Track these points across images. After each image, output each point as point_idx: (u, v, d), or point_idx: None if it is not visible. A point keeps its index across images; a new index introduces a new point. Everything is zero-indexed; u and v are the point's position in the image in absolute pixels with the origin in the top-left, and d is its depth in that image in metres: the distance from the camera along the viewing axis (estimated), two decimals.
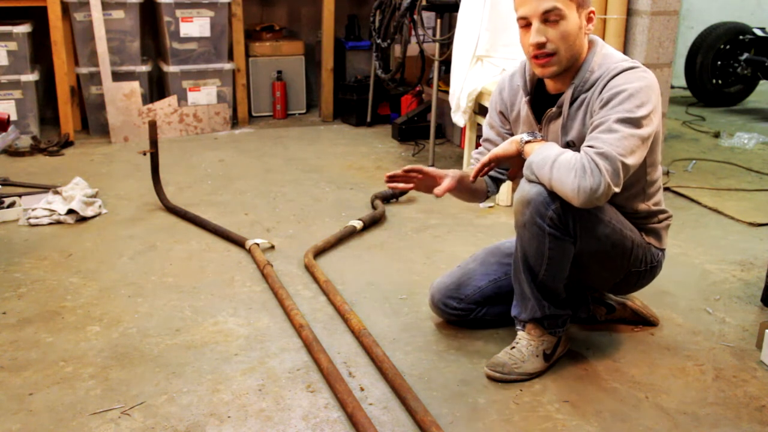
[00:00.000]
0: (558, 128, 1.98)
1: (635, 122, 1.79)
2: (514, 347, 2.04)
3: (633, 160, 1.79)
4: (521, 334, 2.06)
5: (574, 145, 1.94)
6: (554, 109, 1.98)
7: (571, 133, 1.95)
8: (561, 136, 1.98)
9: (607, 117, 1.81)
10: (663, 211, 2.11)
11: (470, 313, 2.23)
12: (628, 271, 2.07)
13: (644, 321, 2.30)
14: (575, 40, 1.88)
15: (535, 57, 1.89)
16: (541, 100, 2.03)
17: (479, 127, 3.76)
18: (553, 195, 1.86)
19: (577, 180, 1.75)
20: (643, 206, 2.05)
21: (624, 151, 1.77)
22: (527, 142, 1.91)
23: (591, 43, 1.95)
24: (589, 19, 1.91)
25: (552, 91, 2.01)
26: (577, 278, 2.07)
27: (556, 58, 1.88)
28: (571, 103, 1.94)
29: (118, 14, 4.52)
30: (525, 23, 1.89)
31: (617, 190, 1.77)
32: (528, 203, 1.89)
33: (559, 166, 1.78)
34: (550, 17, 1.84)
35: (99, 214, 3.26)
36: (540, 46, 1.86)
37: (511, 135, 2.13)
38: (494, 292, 2.23)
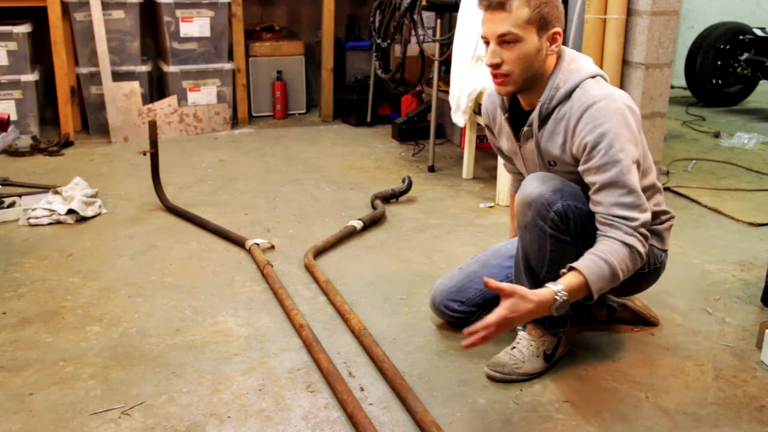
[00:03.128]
0: (533, 146, 2.00)
1: (627, 168, 1.81)
2: (514, 347, 2.04)
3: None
4: (522, 334, 2.06)
5: (555, 165, 1.96)
6: (526, 128, 1.99)
7: (551, 154, 1.96)
8: (537, 155, 2.00)
9: (605, 178, 1.82)
10: (664, 212, 2.11)
11: (471, 315, 2.22)
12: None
13: (644, 321, 2.30)
14: (533, 62, 1.89)
15: (494, 75, 1.92)
16: (520, 116, 2.04)
17: (479, 127, 3.76)
18: (554, 196, 1.86)
19: (634, 259, 1.81)
20: None
21: (643, 197, 1.83)
22: (563, 293, 1.75)
23: (558, 57, 1.94)
24: (553, 40, 1.89)
25: (526, 108, 2.02)
26: None
27: (511, 78, 1.90)
28: (544, 121, 1.95)
29: (118, 14, 4.53)
30: (486, 41, 1.91)
31: (650, 216, 1.85)
32: (529, 205, 1.89)
33: (619, 269, 1.79)
34: (506, 39, 1.86)
35: (99, 214, 3.26)
36: (495, 66, 1.90)
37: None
38: (496, 295, 2.22)
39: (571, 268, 1.78)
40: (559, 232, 1.89)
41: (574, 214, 1.87)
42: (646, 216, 1.82)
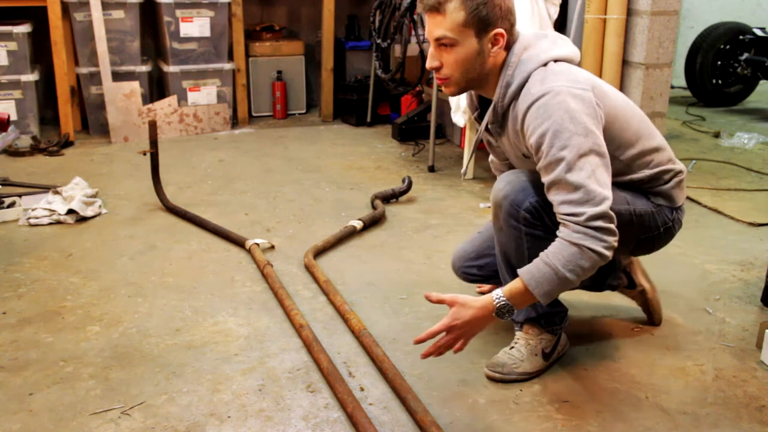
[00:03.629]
0: (505, 141, 1.98)
1: (571, 164, 1.72)
2: (513, 347, 2.04)
3: (602, 179, 1.74)
4: (519, 333, 2.06)
5: (528, 157, 1.91)
6: (490, 126, 1.97)
7: (520, 149, 1.93)
8: (510, 148, 1.98)
9: (550, 178, 1.75)
10: (668, 171, 2.00)
11: (491, 279, 2.20)
12: (638, 239, 2.02)
13: (649, 316, 2.29)
14: (473, 65, 1.84)
15: (437, 78, 1.90)
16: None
17: None
18: (521, 195, 1.85)
19: (589, 257, 1.71)
20: (639, 175, 1.97)
21: (596, 190, 1.72)
22: (501, 298, 1.76)
23: (508, 51, 1.87)
24: (495, 41, 1.83)
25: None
26: None
27: (452, 81, 1.87)
28: (503, 118, 1.91)
29: (118, 14, 4.53)
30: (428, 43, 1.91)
31: (606, 206, 1.72)
32: (499, 206, 1.89)
33: (565, 271, 1.72)
34: (443, 43, 1.83)
35: (99, 214, 3.26)
36: (434, 69, 1.87)
37: None
38: None
39: (516, 274, 1.77)
40: (534, 228, 1.87)
41: (544, 208, 1.85)
42: (598, 209, 1.71)
